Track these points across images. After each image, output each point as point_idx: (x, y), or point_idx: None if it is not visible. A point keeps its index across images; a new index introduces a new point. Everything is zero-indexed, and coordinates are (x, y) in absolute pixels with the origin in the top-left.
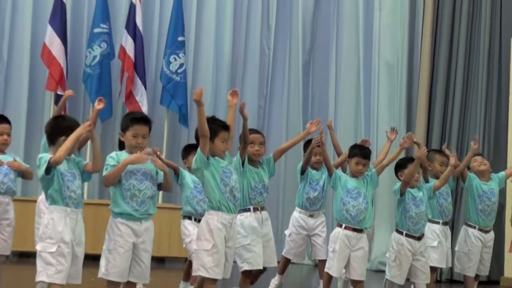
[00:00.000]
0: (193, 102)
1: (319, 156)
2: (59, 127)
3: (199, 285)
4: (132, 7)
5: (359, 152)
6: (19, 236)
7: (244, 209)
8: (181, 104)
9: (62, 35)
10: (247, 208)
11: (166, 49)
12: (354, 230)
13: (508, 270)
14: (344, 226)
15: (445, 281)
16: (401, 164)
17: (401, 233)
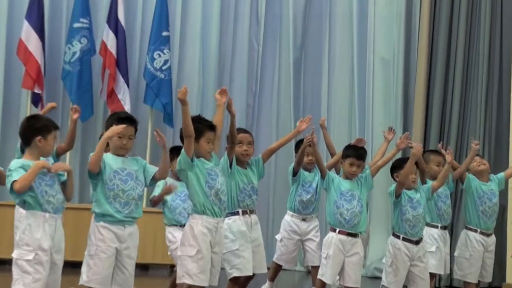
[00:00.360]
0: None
1: (312, 156)
2: (33, 127)
3: None
4: (114, 1)
5: (353, 153)
6: None
7: (232, 213)
8: (166, 103)
9: (40, 30)
10: (236, 212)
11: (150, 45)
12: (348, 235)
13: (511, 276)
14: (338, 231)
15: None
16: (397, 165)
17: (398, 237)
